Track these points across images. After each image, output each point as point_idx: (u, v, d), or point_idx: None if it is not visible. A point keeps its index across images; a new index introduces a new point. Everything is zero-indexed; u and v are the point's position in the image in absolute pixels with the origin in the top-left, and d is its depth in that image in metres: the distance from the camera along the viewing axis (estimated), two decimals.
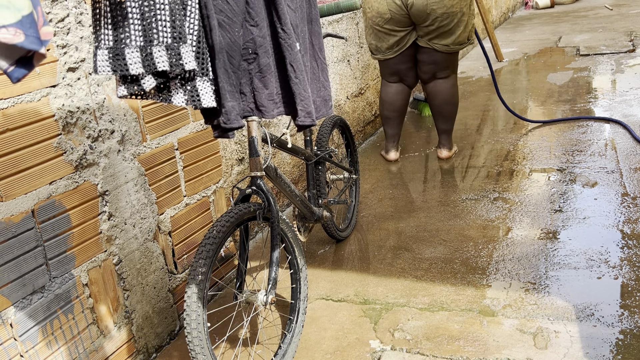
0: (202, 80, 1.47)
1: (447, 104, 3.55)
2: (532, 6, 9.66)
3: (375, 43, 3.48)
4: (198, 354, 1.66)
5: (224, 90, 1.52)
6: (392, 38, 3.38)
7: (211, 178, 2.47)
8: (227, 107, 1.54)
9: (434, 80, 3.52)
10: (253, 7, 1.54)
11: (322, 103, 1.82)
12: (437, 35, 3.31)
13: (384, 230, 2.89)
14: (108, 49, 1.37)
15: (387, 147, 3.81)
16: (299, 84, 1.63)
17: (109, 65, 1.37)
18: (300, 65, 1.62)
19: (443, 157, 3.73)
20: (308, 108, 1.66)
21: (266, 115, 1.65)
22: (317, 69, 1.80)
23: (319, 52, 1.80)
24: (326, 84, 1.83)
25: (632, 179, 3.03)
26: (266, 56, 1.58)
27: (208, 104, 1.49)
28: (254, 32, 1.56)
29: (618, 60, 5.48)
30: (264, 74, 1.59)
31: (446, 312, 2.18)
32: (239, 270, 1.88)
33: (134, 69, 1.37)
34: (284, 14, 1.57)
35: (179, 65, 1.38)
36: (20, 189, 1.64)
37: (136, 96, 1.47)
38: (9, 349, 1.63)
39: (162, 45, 1.36)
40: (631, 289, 2.16)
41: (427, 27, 3.29)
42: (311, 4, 1.76)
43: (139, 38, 1.36)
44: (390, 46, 3.42)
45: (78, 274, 1.84)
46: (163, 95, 1.48)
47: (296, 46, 1.61)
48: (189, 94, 1.47)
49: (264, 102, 1.62)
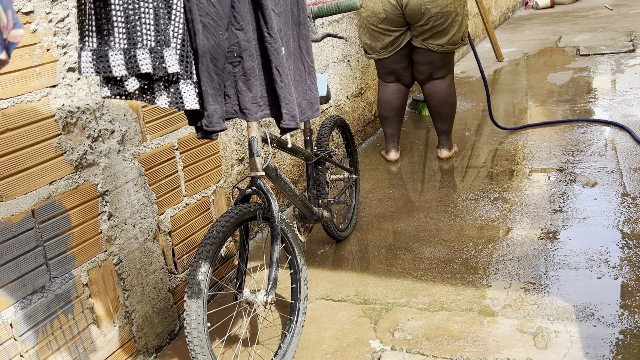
0: (185, 83, 1.48)
1: (444, 105, 3.56)
2: (532, 6, 9.66)
3: (369, 43, 3.50)
4: (198, 354, 1.66)
5: (207, 93, 1.53)
6: (387, 38, 3.40)
7: (211, 178, 2.47)
8: (209, 111, 1.55)
9: (430, 81, 3.53)
10: (239, 11, 1.55)
11: (307, 106, 1.82)
12: (432, 35, 3.33)
13: (384, 230, 2.89)
14: (92, 50, 1.38)
15: (387, 147, 3.82)
16: (284, 88, 1.64)
17: (92, 67, 1.38)
18: (285, 69, 1.63)
19: (443, 157, 3.73)
20: (292, 112, 1.66)
21: (249, 118, 1.65)
22: (304, 72, 1.80)
23: (306, 55, 1.80)
24: (313, 86, 1.84)
25: (632, 179, 3.03)
26: (251, 60, 1.59)
27: (191, 107, 1.50)
28: (239, 36, 1.56)
29: (618, 60, 5.48)
30: (248, 77, 1.60)
31: (446, 312, 2.18)
32: (239, 270, 1.88)
33: (117, 71, 1.38)
34: (270, 18, 1.58)
35: (162, 68, 1.39)
36: (20, 189, 1.65)
37: (120, 97, 1.48)
38: (9, 349, 1.63)
39: (146, 48, 1.37)
40: (631, 289, 2.16)
41: (421, 26, 3.30)
42: (299, 8, 1.77)
43: (122, 40, 1.37)
44: (384, 46, 3.44)
45: (78, 274, 1.84)
46: (147, 97, 1.49)
47: (282, 50, 1.62)
48: (172, 96, 1.48)
49: (247, 104, 1.63)
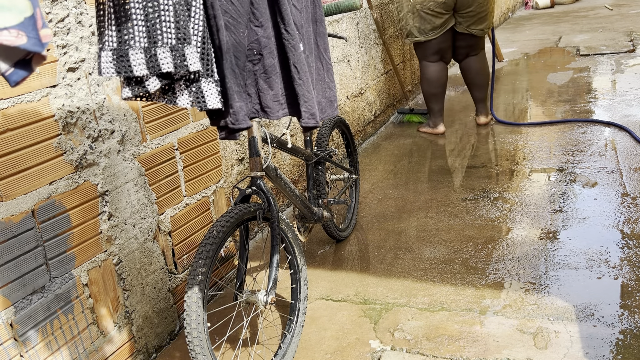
0: (207, 81, 1.46)
1: (480, 75, 4.10)
2: (532, 6, 9.66)
3: (418, 26, 3.90)
4: (198, 354, 1.66)
5: (232, 90, 1.51)
6: (438, 20, 3.84)
7: (211, 178, 2.47)
8: (235, 108, 1.53)
9: (467, 58, 4.09)
10: (257, 7, 1.54)
11: (327, 104, 1.81)
12: (475, 20, 3.86)
13: (384, 230, 2.89)
14: (112, 50, 1.36)
15: (436, 122, 4.19)
16: (302, 85, 1.62)
17: (113, 67, 1.37)
18: (304, 66, 1.61)
19: (481, 122, 4.23)
20: (312, 109, 1.65)
21: (271, 117, 1.64)
22: (322, 70, 1.79)
23: (324, 53, 1.79)
24: (331, 84, 1.83)
25: (632, 179, 3.03)
26: (271, 57, 1.58)
27: (213, 105, 1.48)
28: (259, 33, 1.55)
29: (618, 60, 5.48)
30: (269, 74, 1.59)
31: (446, 312, 2.18)
32: (239, 270, 1.88)
33: (138, 70, 1.36)
34: (287, 14, 1.56)
35: (183, 67, 1.37)
36: (20, 189, 1.64)
37: (141, 98, 1.46)
38: (9, 349, 1.63)
39: (167, 46, 1.35)
40: (631, 289, 2.16)
41: (468, 12, 3.82)
42: (316, 5, 1.76)
43: (143, 39, 1.36)
44: (434, 27, 3.87)
45: (78, 274, 1.84)
46: (168, 97, 1.47)
47: (300, 47, 1.60)
48: (194, 96, 1.46)
49: (269, 103, 1.62)
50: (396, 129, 4.49)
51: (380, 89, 4.51)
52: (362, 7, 3.56)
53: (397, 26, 4.78)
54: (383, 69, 4.56)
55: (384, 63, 4.58)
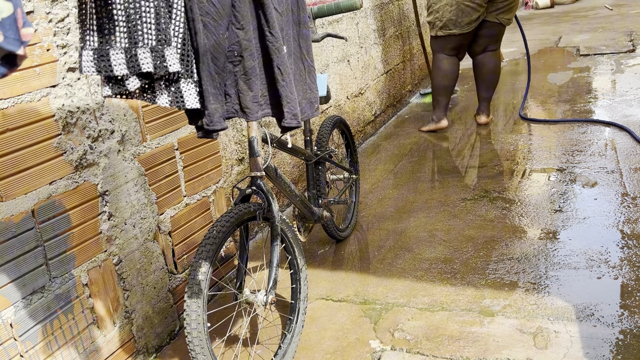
0: (186, 82, 1.49)
1: (491, 73, 4.10)
2: (532, 6, 9.66)
3: (455, 19, 3.88)
4: (198, 354, 1.66)
5: (207, 92, 1.53)
6: (476, 13, 3.85)
7: (211, 178, 2.47)
8: (209, 110, 1.55)
9: (483, 53, 4.08)
10: (239, 10, 1.55)
11: (307, 105, 1.82)
12: (506, 10, 3.87)
13: (384, 230, 2.89)
14: (93, 49, 1.38)
15: (439, 116, 4.20)
16: (285, 87, 1.64)
17: (93, 66, 1.39)
18: (287, 68, 1.63)
19: (482, 122, 4.21)
20: (294, 110, 1.66)
21: (250, 117, 1.65)
22: (304, 71, 1.80)
23: (306, 55, 1.80)
24: (312, 86, 1.84)
25: (632, 179, 3.03)
26: (251, 59, 1.59)
27: (191, 105, 1.50)
28: (240, 35, 1.56)
29: (618, 60, 5.48)
30: (249, 76, 1.60)
31: (446, 312, 2.18)
32: (239, 270, 1.88)
33: (118, 70, 1.38)
34: (271, 17, 1.58)
35: (162, 67, 1.39)
36: (20, 189, 1.64)
37: (121, 96, 1.48)
38: (9, 349, 1.63)
39: (147, 47, 1.37)
40: (631, 289, 2.16)
41: (503, 2, 3.84)
42: (300, 8, 1.77)
43: (124, 40, 1.37)
44: (471, 21, 3.87)
45: (78, 274, 1.84)
46: (148, 96, 1.49)
47: (283, 49, 1.62)
48: (173, 95, 1.49)
49: (248, 104, 1.63)
50: (396, 129, 4.49)
51: (380, 89, 4.52)
52: (362, 7, 3.56)
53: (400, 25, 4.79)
54: (383, 69, 4.56)
55: (384, 63, 4.58)
